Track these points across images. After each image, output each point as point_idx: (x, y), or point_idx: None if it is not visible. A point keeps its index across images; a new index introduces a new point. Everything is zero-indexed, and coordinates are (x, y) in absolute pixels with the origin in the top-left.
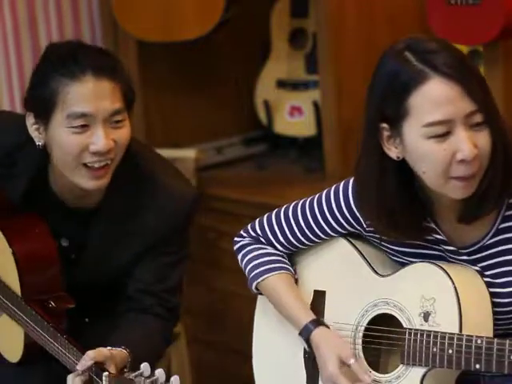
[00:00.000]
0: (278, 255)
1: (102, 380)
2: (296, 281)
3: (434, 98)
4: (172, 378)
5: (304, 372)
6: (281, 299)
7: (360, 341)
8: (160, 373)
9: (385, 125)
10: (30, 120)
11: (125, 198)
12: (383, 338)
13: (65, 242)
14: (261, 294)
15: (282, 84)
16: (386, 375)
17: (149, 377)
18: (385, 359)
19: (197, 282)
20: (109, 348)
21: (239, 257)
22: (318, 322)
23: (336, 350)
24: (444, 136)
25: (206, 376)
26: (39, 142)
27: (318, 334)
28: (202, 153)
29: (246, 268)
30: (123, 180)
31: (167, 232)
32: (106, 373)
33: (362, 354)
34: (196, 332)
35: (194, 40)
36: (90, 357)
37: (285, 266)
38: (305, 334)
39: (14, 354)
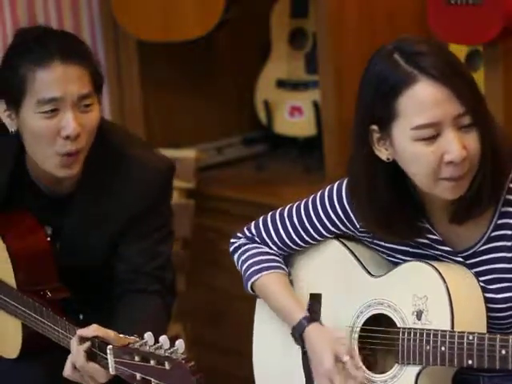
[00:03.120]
0: (273, 254)
1: (106, 353)
2: (291, 282)
3: (422, 100)
4: (177, 342)
5: (303, 372)
6: (274, 297)
7: (356, 342)
8: (164, 339)
9: (375, 127)
10: (1, 107)
11: (99, 178)
12: (378, 338)
13: (48, 231)
14: (256, 295)
15: (282, 84)
16: (382, 375)
17: (153, 345)
18: (381, 359)
19: (197, 282)
20: (122, 336)
21: (235, 258)
22: (312, 318)
23: (331, 346)
24: (432, 138)
25: (206, 376)
26: (12, 129)
27: (311, 329)
28: (202, 153)
29: (241, 268)
30: (96, 160)
31: (145, 204)
32: (110, 346)
33: (357, 355)
34: (196, 332)
35: (193, 40)
36: (94, 327)
37: (279, 265)
38: (298, 330)
39: (12, 350)
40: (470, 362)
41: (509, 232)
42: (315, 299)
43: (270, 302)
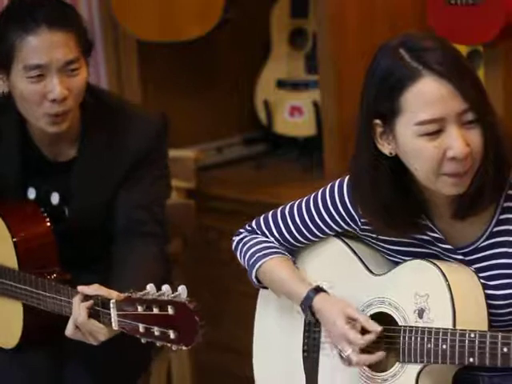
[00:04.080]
0: (273, 242)
1: (109, 309)
2: None
3: (426, 96)
4: (179, 288)
5: (303, 372)
6: (279, 277)
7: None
8: (166, 288)
9: (378, 121)
10: None
11: (98, 136)
12: (379, 336)
13: (56, 197)
14: (261, 286)
15: (282, 84)
16: (383, 373)
17: (156, 293)
18: (382, 358)
19: (197, 281)
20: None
21: (237, 253)
22: (319, 288)
23: (341, 308)
24: (435, 134)
25: (206, 376)
26: (4, 90)
27: (319, 299)
28: (201, 153)
29: (244, 259)
30: (93, 120)
31: (145, 154)
32: (113, 300)
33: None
34: None
35: (193, 40)
36: (96, 286)
37: (281, 250)
38: (307, 301)
39: (12, 338)
40: (471, 359)
41: (511, 227)
42: None
43: (276, 284)
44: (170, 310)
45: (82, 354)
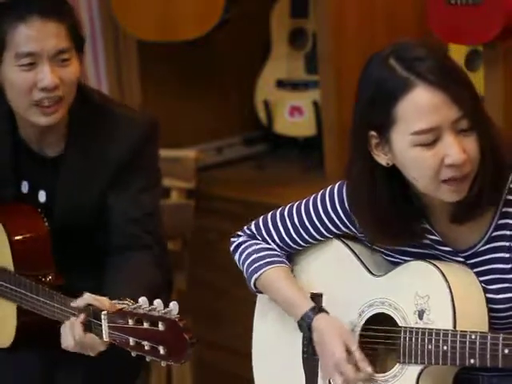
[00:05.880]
0: (275, 250)
1: (100, 320)
2: None
3: (420, 106)
4: (171, 304)
5: (303, 372)
6: (279, 290)
7: (357, 341)
8: (158, 302)
9: (373, 132)
10: None
11: (86, 135)
12: (380, 337)
13: (43, 195)
14: (259, 292)
15: (281, 84)
16: (383, 374)
17: (147, 307)
18: (382, 359)
19: (197, 282)
20: (115, 302)
21: (236, 256)
22: (319, 308)
23: (341, 336)
24: (432, 143)
25: (206, 376)
26: None
27: (319, 320)
28: (202, 153)
29: (243, 265)
30: (80, 118)
31: (131, 157)
32: (104, 311)
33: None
34: (196, 332)
35: (193, 40)
36: (86, 295)
37: (282, 259)
38: (306, 320)
39: (6, 338)
40: (472, 361)
41: (508, 232)
42: (316, 299)
43: (274, 296)
44: (161, 326)
45: (75, 355)
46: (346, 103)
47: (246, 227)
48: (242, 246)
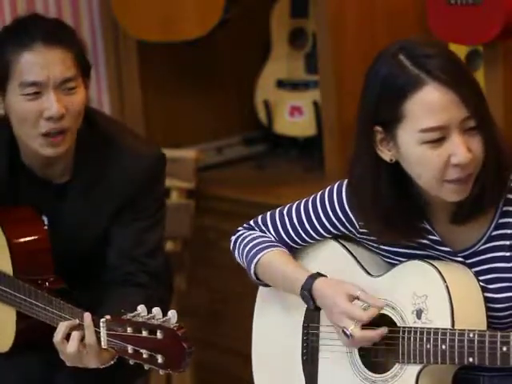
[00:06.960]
0: (271, 238)
1: (99, 327)
2: None
3: (430, 104)
4: (169, 312)
5: (303, 372)
6: (279, 269)
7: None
8: (157, 310)
9: (378, 127)
10: None
11: (92, 165)
12: None
13: (45, 221)
14: (260, 283)
15: (281, 84)
16: (382, 375)
17: (146, 315)
18: (381, 359)
19: (197, 282)
20: None
21: (235, 252)
22: (318, 274)
23: (341, 288)
24: (438, 141)
25: (206, 376)
26: (0, 111)
27: (319, 282)
28: (201, 153)
29: (242, 255)
30: (86, 147)
31: (134, 192)
32: (103, 319)
33: (358, 355)
34: (196, 332)
35: (193, 40)
36: (87, 314)
37: (279, 245)
38: (307, 287)
39: (4, 342)
40: (470, 359)
41: (509, 231)
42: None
43: (274, 276)
44: (159, 335)
45: None
46: (346, 103)
47: (244, 224)
48: (240, 238)
